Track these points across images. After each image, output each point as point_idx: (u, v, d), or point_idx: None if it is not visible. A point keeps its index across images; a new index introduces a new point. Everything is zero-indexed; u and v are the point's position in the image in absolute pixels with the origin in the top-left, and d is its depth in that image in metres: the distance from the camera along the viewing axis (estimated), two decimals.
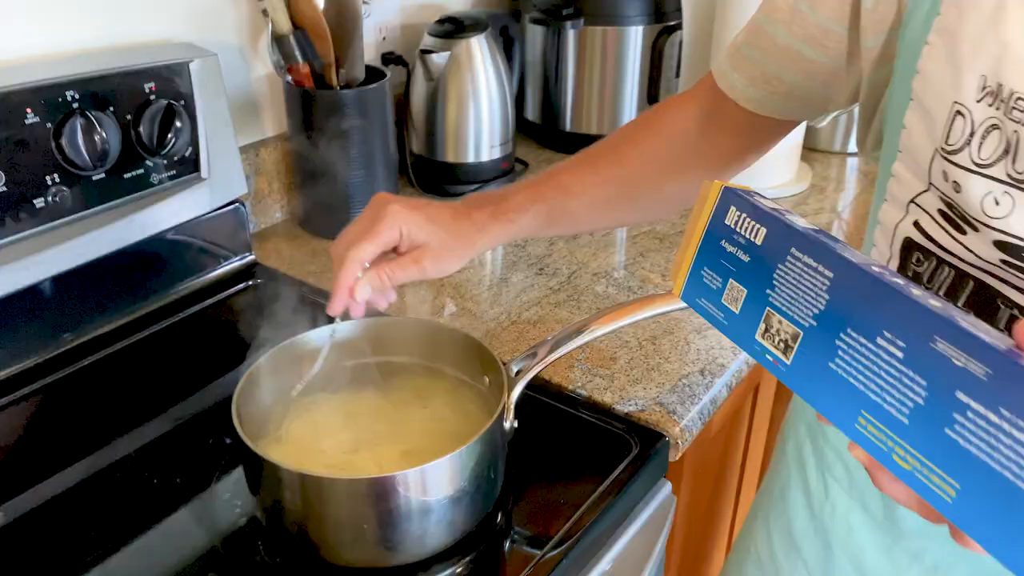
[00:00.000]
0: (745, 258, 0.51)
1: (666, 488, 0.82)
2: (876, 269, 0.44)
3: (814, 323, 0.45)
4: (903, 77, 0.57)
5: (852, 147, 1.43)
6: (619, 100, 1.41)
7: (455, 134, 1.25)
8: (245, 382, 0.68)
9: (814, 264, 0.46)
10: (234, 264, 1.07)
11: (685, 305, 0.70)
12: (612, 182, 0.74)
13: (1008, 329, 0.53)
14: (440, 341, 0.76)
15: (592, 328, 0.71)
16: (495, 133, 1.26)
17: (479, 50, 1.22)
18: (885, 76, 0.61)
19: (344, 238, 0.68)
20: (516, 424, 0.70)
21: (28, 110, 0.81)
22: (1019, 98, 0.50)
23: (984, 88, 0.52)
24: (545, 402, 0.83)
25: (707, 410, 0.85)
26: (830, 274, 0.45)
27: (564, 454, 0.79)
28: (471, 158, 1.26)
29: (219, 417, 0.80)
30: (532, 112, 1.46)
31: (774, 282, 0.48)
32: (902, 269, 0.61)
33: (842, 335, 0.44)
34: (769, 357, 0.48)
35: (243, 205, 1.05)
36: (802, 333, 0.46)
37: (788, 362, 0.47)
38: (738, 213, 0.52)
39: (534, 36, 1.40)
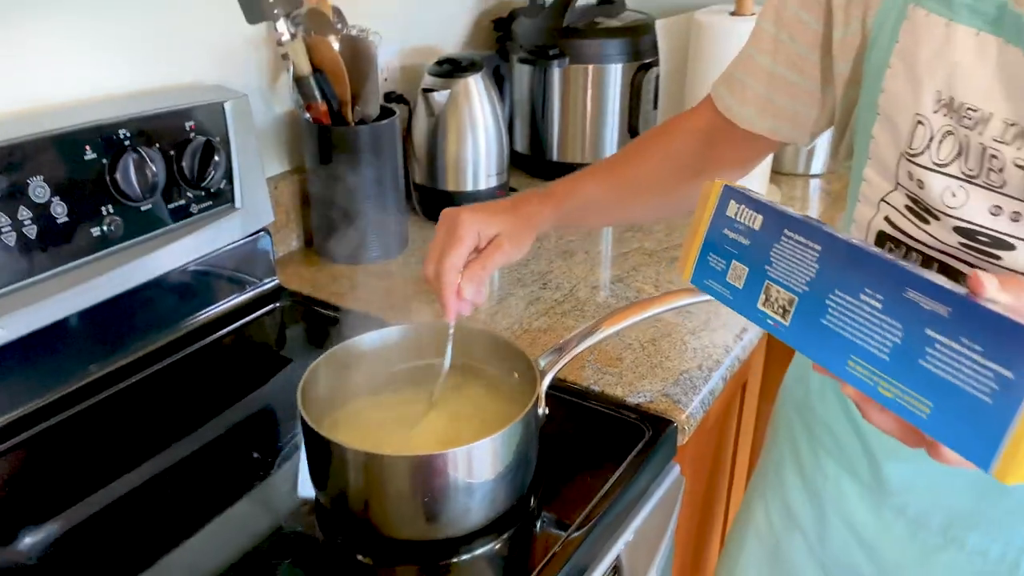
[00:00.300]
0: (745, 242, 0.61)
1: (675, 470, 0.91)
2: (856, 241, 0.55)
3: (807, 288, 0.56)
4: (870, 96, 0.69)
5: (815, 169, 1.56)
6: (601, 132, 1.52)
7: (455, 165, 1.35)
8: (306, 379, 0.76)
9: (804, 241, 0.57)
10: (261, 288, 1.15)
11: (685, 303, 0.81)
12: (631, 184, 0.86)
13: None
14: (473, 343, 0.85)
15: (608, 326, 0.81)
16: (491, 163, 1.36)
17: (476, 88, 1.33)
18: (854, 97, 0.73)
19: (432, 256, 0.76)
20: (547, 411, 0.79)
21: (87, 147, 0.89)
22: (968, 108, 0.62)
23: (939, 101, 0.64)
24: (563, 398, 0.93)
25: (707, 400, 0.95)
26: (818, 247, 0.56)
27: (584, 442, 0.88)
28: (470, 187, 1.36)
29: (256, 428, 0.89)
30: (521, 144, 1.57)
31: (771, 258, 0.59)
32: None
33: (830, 295, 0.54)
34: (770, 322, 0.59)
35: (268, 233, 1.14)
36: (797, 298, 0.57)
37: (787, 324, 0.57)
38: (738, 205, 0.63)
39: (522, 75, 1.51)
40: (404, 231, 1.28)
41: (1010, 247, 0.64)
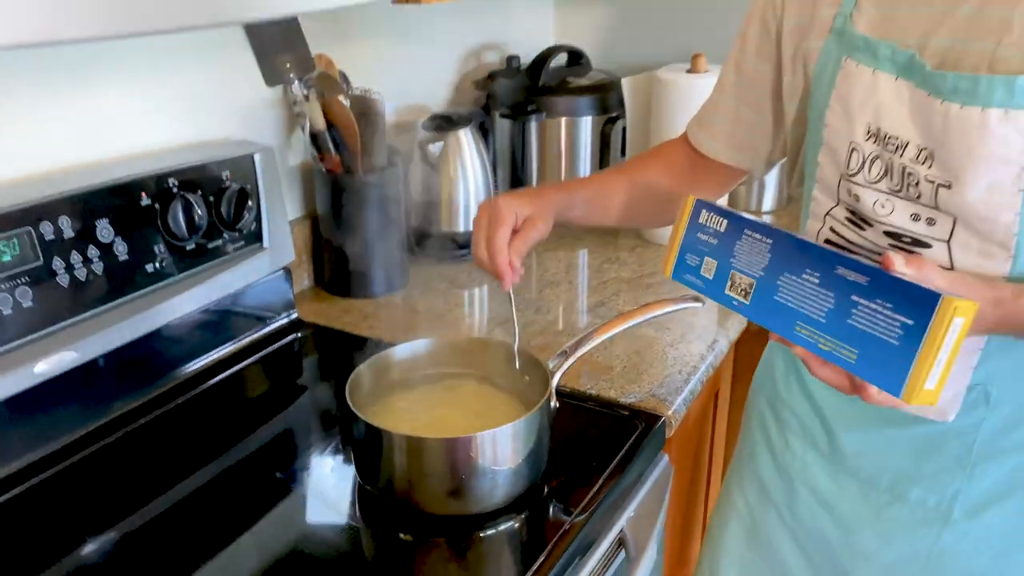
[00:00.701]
0: (714, 241, 0.78)
1: (665, 459, 1.05)
2: (799, 235, 0.72)
3: (762, 273, 0.73)
4: (815, 130, 0.86)
5: (766, 206, 1.75)
6: (575, 178, 1.69)
7: (448, 208, 1.50)
8: (351, 385, 0.89)
9: (759, 237, 0.74)
10: (282, 321, 1.27)
11: (663, 311, 0.97)
12: (616, 197, 1.02)
13: None
14: (488, 353, 0.99)
15: (602, 332, 0.96)
16: None
17: (466, 140, 1.49)
18: (801, 132, 0.90)
19: (480, 238, 0.90)
20: (558, 404, 0.93)
21: (143, 194, 1.02)
22: (890, 137, 0.79)
23: (869, 132, 0.81)
24: (565, 401, 1.06)
25: (688, 399, 1.10)
26: (770, 241, 0.73)
27: (586, 436, 1.01)
28: (462, 227, 1.51)
29: (288, 446, 1.01)
30: (502, 189, 1.72)
31: (734, 253, 0.76)
32: None
33: (780, 277, 0.72)
34: (735, 303, 0.76)
35: (288, 271, 1.27)
36: (755, 281, 0.74)
37: (748, 303, 0.74)
38: (708, 213, 0.79)
39: (503, 128, 1.68)
40: (406, 267, 1.42)
41: (927, 245, 0.80)
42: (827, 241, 0.88)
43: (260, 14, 0.77)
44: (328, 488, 0.94)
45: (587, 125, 1.65)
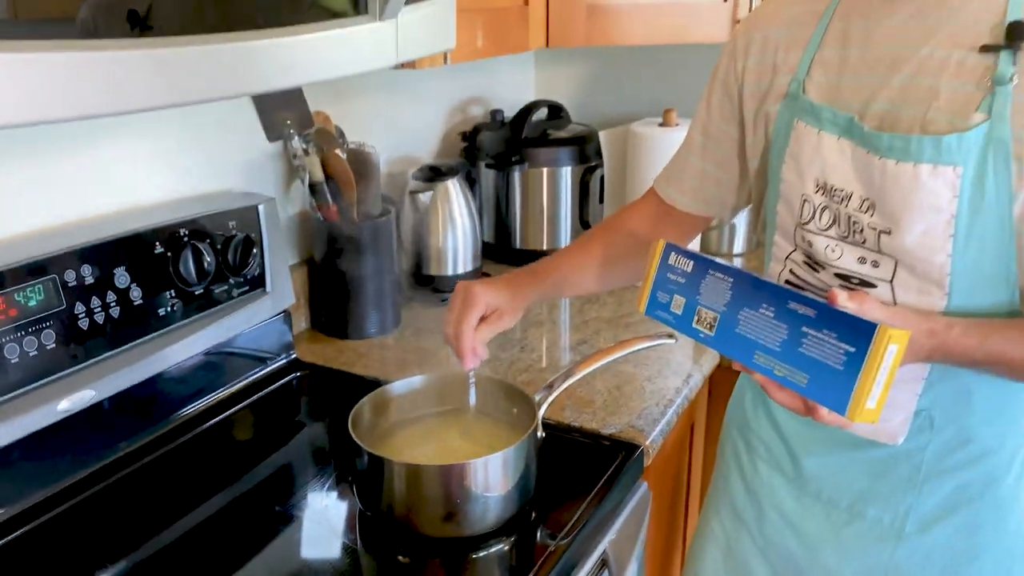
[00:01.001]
0: (682, 280, 0.87)
1: (643, 487, 1.13)
2: (756, 274, 0.81)
3: (725, 308, 0.82)
4: (774, 184, 0.96)
5: (736, 249, 1.85)
6: (557, 224, 1.78)
7: (437, 253, 1.58)
8: (354, 417, 0.97)
9: (722, 276, 0.83)
10: (282, 361, 1.34)
11: (639, 348, 1.06)
12: (600, 261, 1.10)
13: None
14: (479, 388, 1.07)
15: (584, 367, 1.05)
16: (468, 251, 1.61)
17: (454, 190, 1.58)
18: (762, 185, 1.00)
19: (451, 319, 0.99)
20: (544, 434, 1.00)
21: (156, 243, 1.10)
22: (836, 189, 0.88)
23: (818, 185, 0.91)
24: (551, 432, 1.13)
25: (664, 429, 1.18)
26: (731, 280, 0.82)
27: (570, 465, 1.09)
28: (450, 271, 1.59)
29: (289, 479, 1.07)
30: (488, 235, 1.82)
31: (700, 290, 0.85)
32: None
33: (740, 312, 0.81)
34: (701, 335, 0.84)
35: (288, 314, 1.34)
36: (719, 316, 0.82)
37: (712, 334, 0.83)
38: (676, 256, 0.88)
39: (488, 178, 1.77)
40: (398, 309, 1.50)
41: (873, 285, 0.89)
42: (787, 281, 0.98)
43: (267, 86, 0.85)
44: (328, 516, 1.01)
45: (567, 175, 1.75)
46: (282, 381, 1.32)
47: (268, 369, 1.32)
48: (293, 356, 1.36)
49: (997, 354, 0.82)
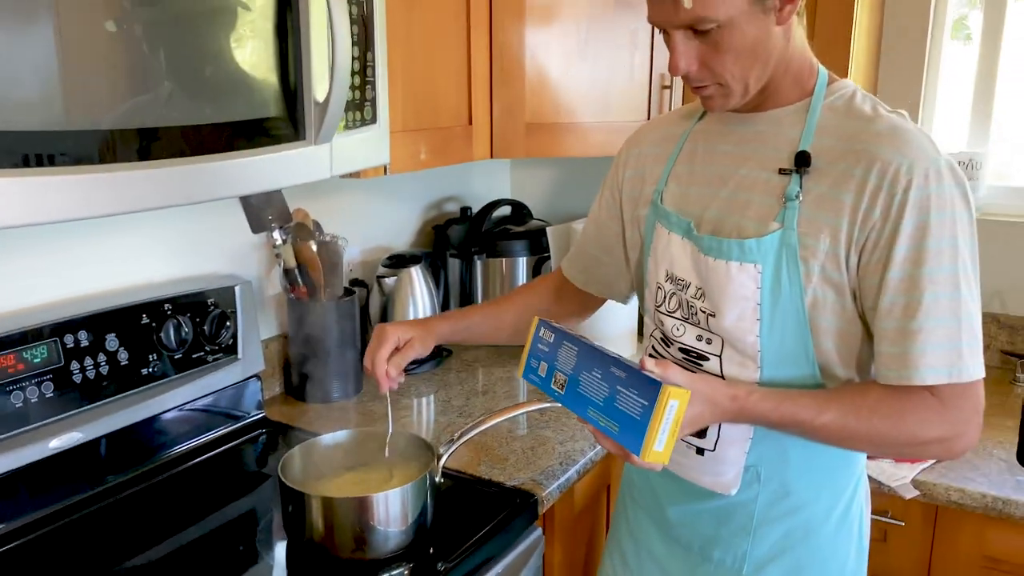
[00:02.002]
0: (546, 350, 1.07)
1: (537, 531, 1.31)
2: (595, 344, 1.00)
3: (572, 372, 1.01)
4: (641, 273, 1.17)
5: None
6: None
7: None
8: (284, 463, 1.18)
9: (570, 345, 1.03)
10: (251, 418, 1.57)
11: (531, 409, 1.26)
12: (505, 318, 1.31)
13: None
14: (395, 440, 1.27)
15: (481, 424, 1.24)
16: None
17: (416, 276, 1.82)
18: (641, 274, 1.21)
19: (369, 352, 1.20)
20: (443, 480, 1.20)
21: (143, 315, 1.35)
22: (679, 279, 1.09)
23: (667, 275, 1.12)
24: (464, 480, 1.34)
25: (563, 484, 1.37)
26: (576, 348, 1.02)
27: (470, 508, 1.28)
28: None
29: (246, 526, 1.28)
30: None
31: (557, 357, 1.05)
32: None
33: (581, 374, 1.00)
34: (556, 394, 1.03)
35: (259, 378, 1.57)
36: (567, 378, 1.02)
37: (563, 393, 1.02)
38: (544, 330, 1.09)
39: (454, 266, 2.01)
40: (360, 377, 1.72)
41: (707, 359, 1.09)
42: (650, 353, 1.18)
43: (224, 194, 1.10)
44: (275, 549, 1.21)
45: (523, 264, 1.98)
46: (250, 435, 1.54)
47: (238, 425, 1.54)
48: (262, 415, 1.59)
49: (790, 416, 1.00)
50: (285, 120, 1.14)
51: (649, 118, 1.76)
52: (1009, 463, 1.45)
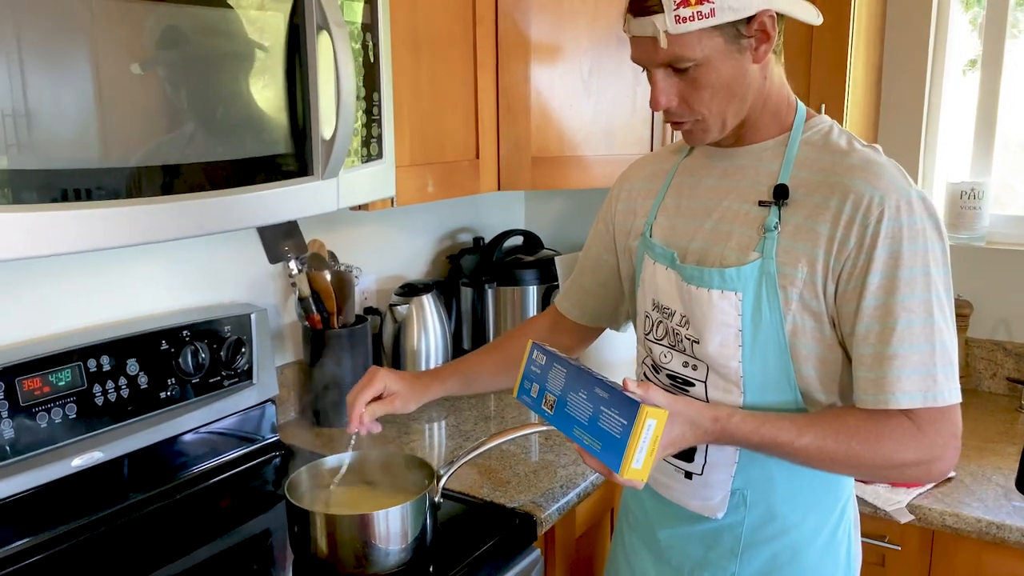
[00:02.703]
0: (539, 372, 1.12)
1: (535, 552, 1.35)
2: (583, 366, 1.05)
3: (561, 393, 1.06)
4: (631, 303, 1.22)
5: None
6: None
7: (412, 357, 1.87)
8: (290, 483, 1.24)
9: (560, 367, 1.07)
10: (265, 442, 1.63)
11: (527, 432, 1.30)
12: (501, 361, 1.35)
13: None
14: (399, 462, 1.32)
15: (480, 446, 1.29)
16: (439, 356, 1.89)
17: (428, 304, 1.88)
18: (633, 304, 1.25)
19: (353, 391, 1.25)
20: (442, 500, 1.25)
21: (163, 341, 1.42)
22: (665, 308, 1.14)
23: (654, 304, 1.17)
24: (466, 501, 1.39)
25: (562, 507, 1.40)
26: (565, 371, 1.06)
27: (470, 527, 1.32)
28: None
29: (260, 544, 1.33)
30: (467, 343, 2.10)
31: (547, 379, 1.09)
32: None
33: (568, 395, 1.04)
34: (546, 414, 1.08)
35: (274, 402, 1.64)
36: (556, 398, 1.06)
37: (552, 413, 1.07)
38: (537, 353, 1.13)
39: (466, 294, 2.07)
40: None
41: (693, 384, 1.13)
42: (643, 377, 1.22)
43: (238, 226, 1.18)
44: (285, 567, 1.27)
45: (532, 292, 2.04)
46: (265, 457, 1.60)
47: (253, 447, 1.60)
48: (276, 438, 1.65)
49: (769, 437, 1.03)
50: (294, 156, 1.21)
51: (652, 150, 1.82)
52: (1007, 489, 1.46)
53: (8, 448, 1.23)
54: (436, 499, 1.24)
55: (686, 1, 0.98)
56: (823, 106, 1.59)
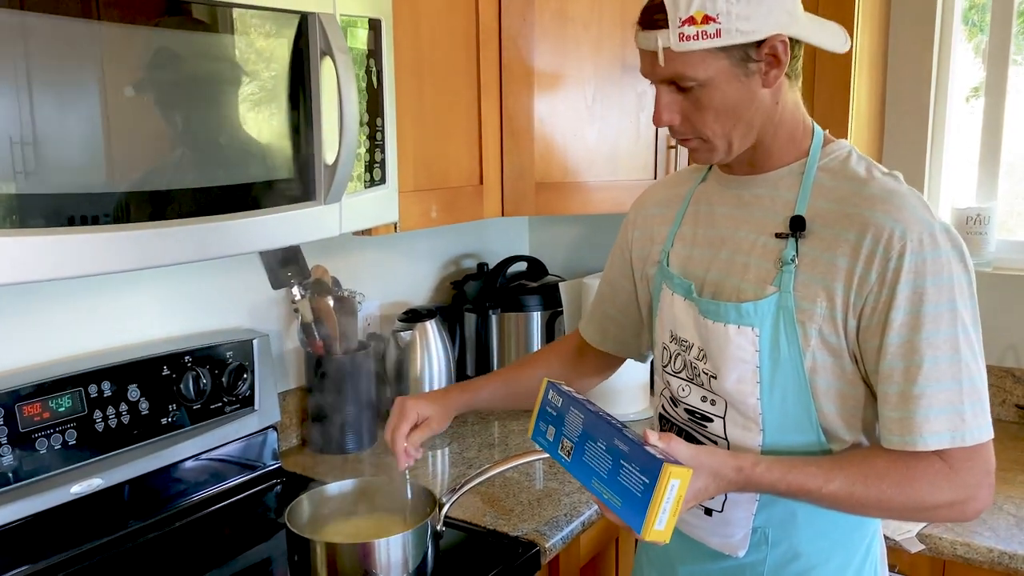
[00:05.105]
0: (555, 414, 1.08)
1: None
2: (602, 412, 1.02)
3: (578, 439, 1.02)
4: (649, 333, 1.20)
5: None
6: None
7: (415, 382, 1.85)
8: (291, 509, 1.22)
9: (577, 412, 1.04)
10: (267, 468, 1.61)
11: (529, 459, 1.28)
12: (524, 384, 1.31)
13: None
14: (397, 489, 1.31)
15: (481, 474, 1.27)
16: (442, 380, 1.87)
17: (431, 330, 1.87)
18: (652, 335, 1.23)
19: (389, 426, 1.22)
20: (444, 529, 1.23)
21: (164, 367, 1.42)
22: (683, 340, 1.11)
23: (672, 336, 1.15)
24: (469, 529, 1.37)
25: (566, 536, 1.38)
26: (583, 416, 1.03)
27: (473, 555, 1.30)
28: None
29: (263, 568, 1.31)
30: (471, 368, 2.09)
31: (564, 423, 1.06)
32: (660, 428, 1.19)
33: (586, 443, 1.01)
34: (563, 460, 1.04)
35: (275, 429, 1.63)
36: (574, 445, 1.03)
37: (569, 460, 1.03)
38: (553, 393, 1.10)
39: (470, 320, 2.06)
40: (373, 429, 1.76)
41: (711, 420, 1.10)
42: (660, 414, 1.20)
43: (241, 250, 1.17)
44: None
45: (536, 318, 2.03)
46: (266, 484, 1.59)
47: (255, 474, 1.59)
48: (278, 465, 1.63)
49: (797, 486, 0.99)
50: (297, 181, 1.21)
51: (656, 177, 1.82)
52: (1018, 518, 1.44)
53: (7, 474, 1.22)
54: (438, 527, 1.23)
55: (692, 19, 0.95)
56: (825, 132, 1.58)
